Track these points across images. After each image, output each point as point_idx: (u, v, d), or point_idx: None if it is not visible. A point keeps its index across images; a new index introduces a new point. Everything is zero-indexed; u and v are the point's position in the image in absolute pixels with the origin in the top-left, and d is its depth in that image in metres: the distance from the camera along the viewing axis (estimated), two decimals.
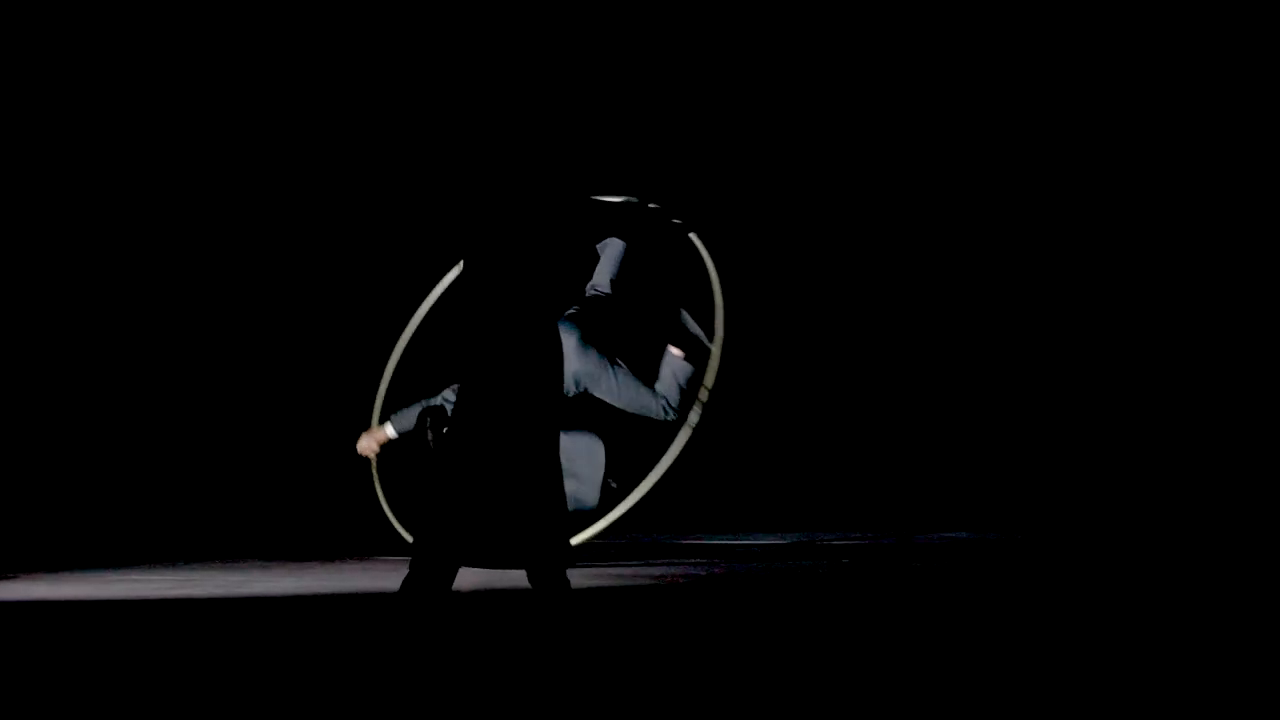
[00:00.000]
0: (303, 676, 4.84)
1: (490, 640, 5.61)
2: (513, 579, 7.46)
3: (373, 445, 8.80)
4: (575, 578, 6.87)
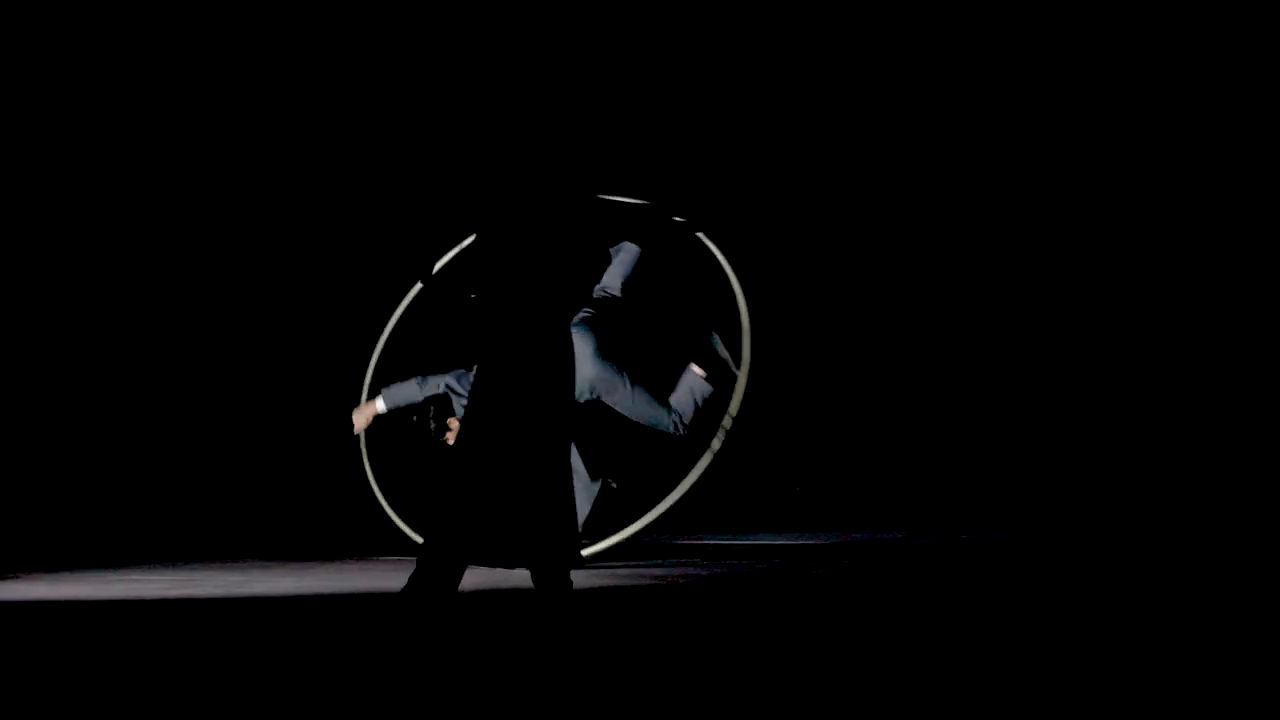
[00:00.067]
0: (303, 676, 4.84)
1: (491, 640, 5.61)
2: (514, 579, 7.46)
3: (365, 421, 8.73)
4: (576, 578, 6.87)
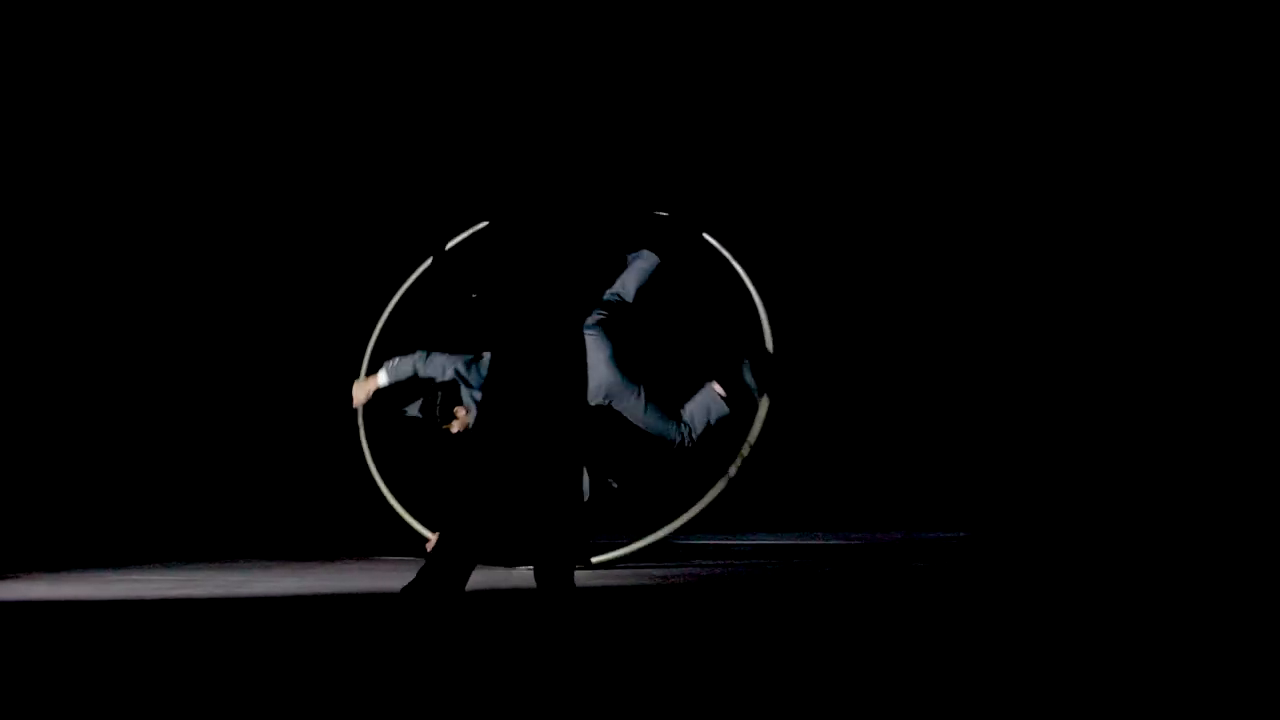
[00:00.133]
0: (303, 676, 4.84)
1: (491, 639, 5.61)
2: (514, 578, 7.46)
3: (365, 395, 8.67)
4: (577, 578, 6.87)
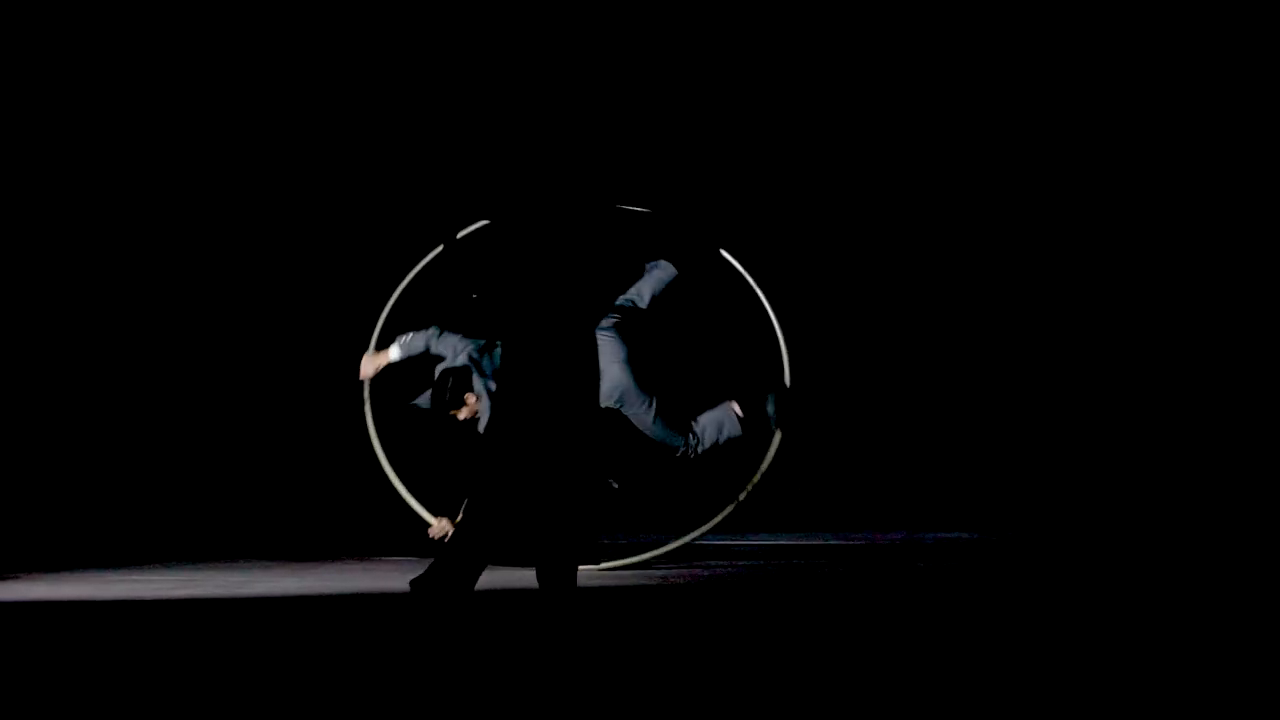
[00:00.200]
0: (304, 676, 4.84)
1: (492, 639, 5.61)
2: (515, 579, 7.46)
3: (372, 368, 8.60)
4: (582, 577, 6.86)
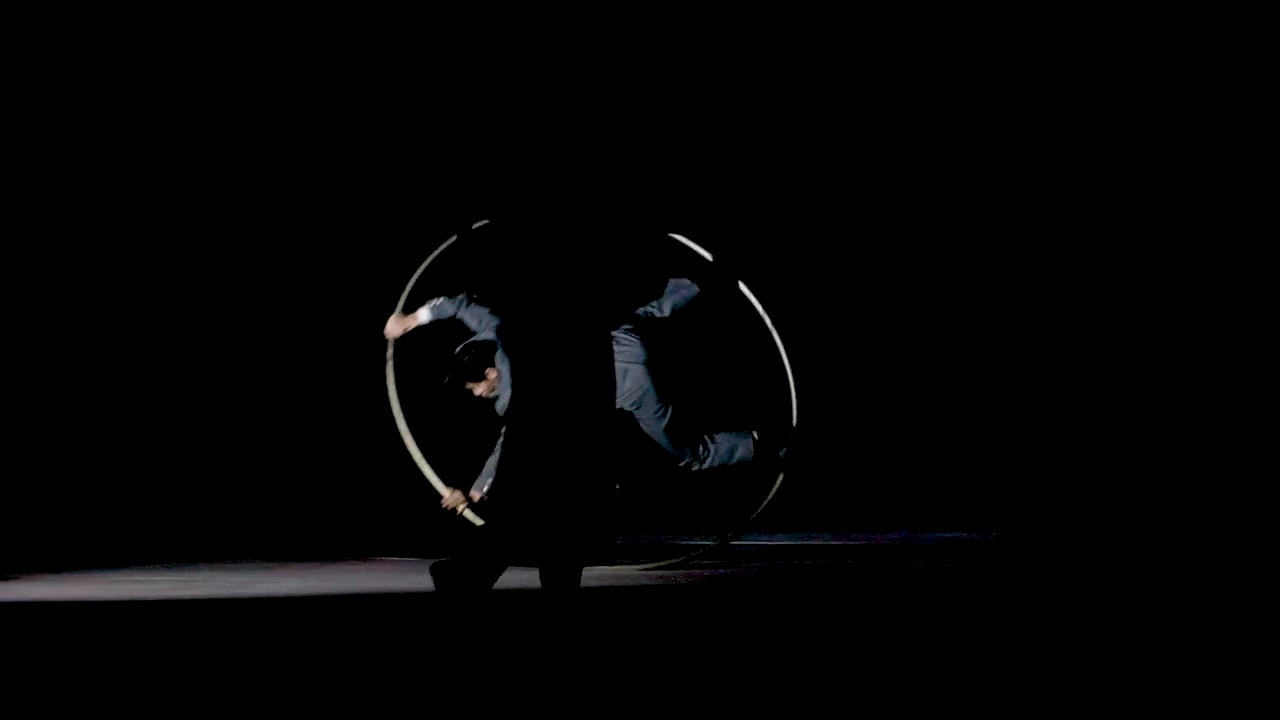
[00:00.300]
0: (304, 677, 4.85)
1: (493, 639, 5.62)
2: (518, 578, 7.47)
3: (400, 329, 8.58)
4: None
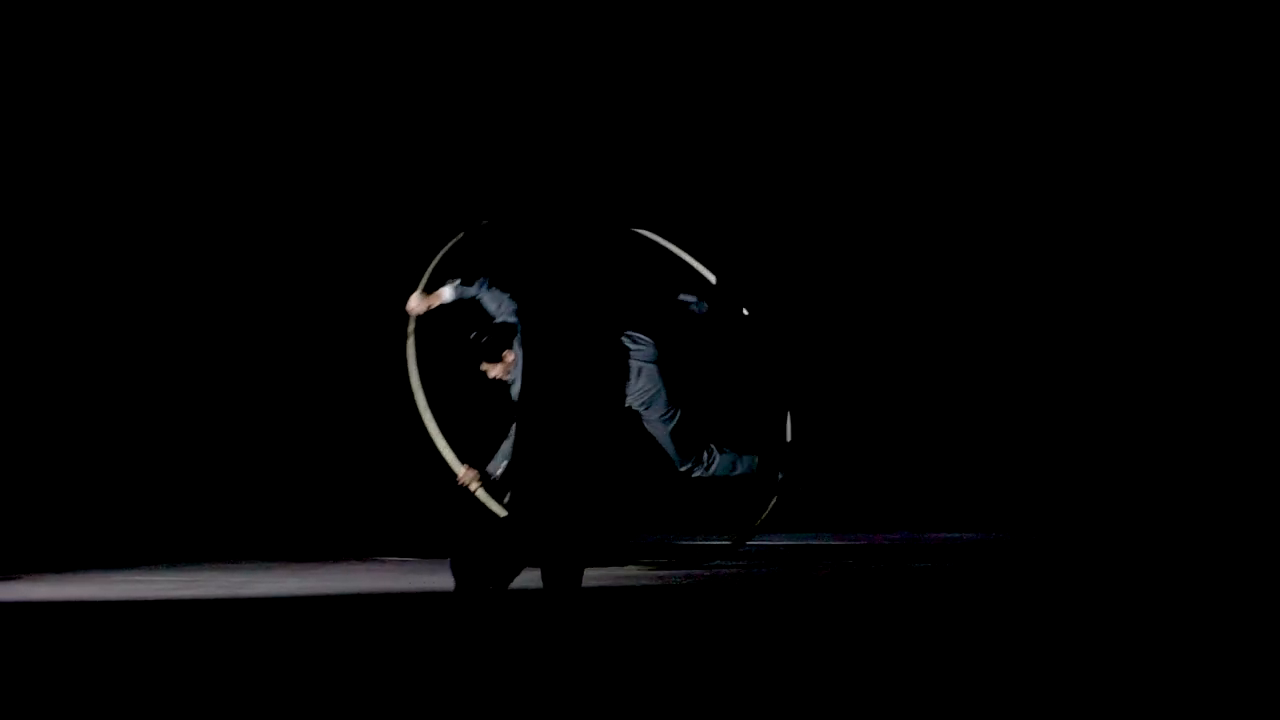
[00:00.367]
0: (304, 676, 4.86)
1: (494, 639, 5.62)
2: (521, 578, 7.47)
3: (423, 306, 8.51)
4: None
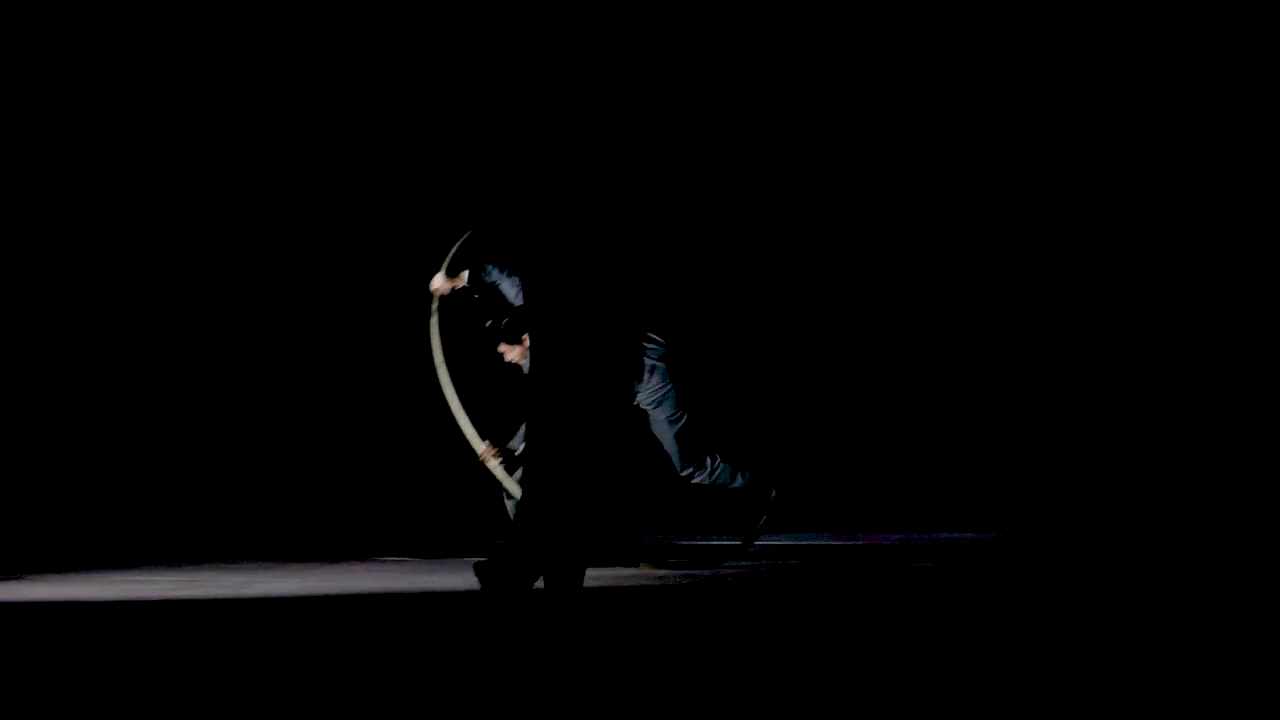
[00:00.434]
0: (304, 676, 4.86)
1: (494, 639, 5.63)
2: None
3: (447, 286, 8.44)
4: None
